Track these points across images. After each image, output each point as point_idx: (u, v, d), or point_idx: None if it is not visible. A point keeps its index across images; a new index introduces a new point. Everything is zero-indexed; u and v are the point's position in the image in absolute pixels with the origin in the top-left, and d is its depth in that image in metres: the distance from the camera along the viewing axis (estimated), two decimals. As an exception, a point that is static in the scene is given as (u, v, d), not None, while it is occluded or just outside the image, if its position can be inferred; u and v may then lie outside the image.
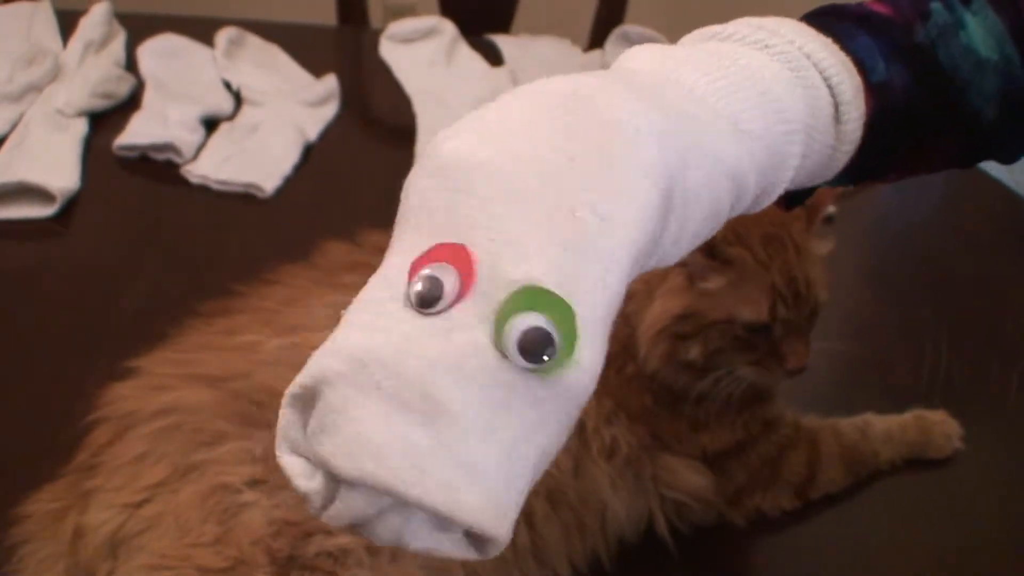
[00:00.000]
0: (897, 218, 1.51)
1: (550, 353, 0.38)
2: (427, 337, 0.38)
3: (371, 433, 0.37)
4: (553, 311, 0.38)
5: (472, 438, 0.38)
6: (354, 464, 0.37)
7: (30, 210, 1.30)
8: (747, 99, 0.48)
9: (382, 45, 1.73)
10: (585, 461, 0.90)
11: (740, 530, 0.98)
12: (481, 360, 0.38)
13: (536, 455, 0.40)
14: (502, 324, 0.38)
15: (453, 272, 0.39)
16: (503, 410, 0.38)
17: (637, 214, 0.41)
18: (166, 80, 1.56)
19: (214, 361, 0.88)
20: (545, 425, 0.40)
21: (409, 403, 0.37)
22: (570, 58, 1.75)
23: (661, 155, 0.42)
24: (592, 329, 0.40)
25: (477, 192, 0.41)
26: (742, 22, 0.53)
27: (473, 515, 0.37)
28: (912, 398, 1.11)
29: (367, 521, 0.39)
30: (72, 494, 0.84)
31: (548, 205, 0.40)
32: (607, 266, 0.40)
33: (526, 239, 0.40)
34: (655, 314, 0.89)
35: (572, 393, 0.40)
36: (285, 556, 0.77)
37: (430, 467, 0.37)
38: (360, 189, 1.39)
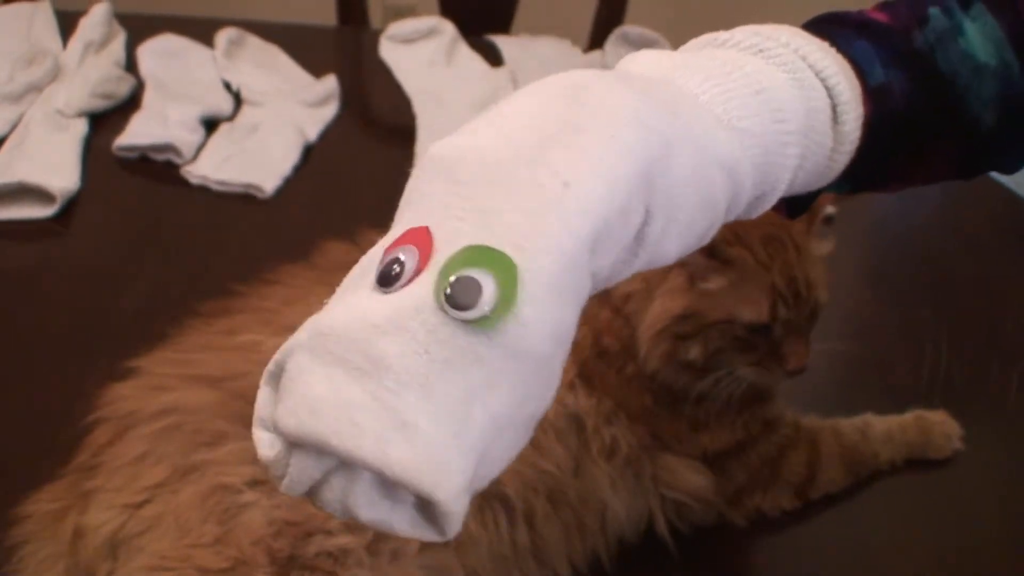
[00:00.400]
0: (897, 219, 1.51)
1: (484, 305, 0.38)
2: (380, 306, 0.39)
3: (313, 391, 0.38)
4: (491, 265, 0.39)
5: (408, 394, 0.38)
6: (296, 421, 0.38)
7: (30, 210, 1.30)
8: (741, 99, 0.48)
9: (382, 45, 1.73)
10: (585, 461, 0.90)
11: (740, 530, 0.98)
12: (421, 318, 0.38)
13: (485, 419, 0.39)
14: (443, 281, 0.38)
15: (415, 252, 0.40)
16: (443, 367, 0.38)
17: (603, 185, 0.41)
18: (166, 80, 1.56)
19: (214, 361, 0.88)
20: (494, 387, 0.39)
21: (351, 362, 0.38)
22: (570, 59, 1.75)
23: (640, 137, 0.43)
24: (541, 288, 0.40)
25: (455, 177, 0.42)
26: (739, 30, 0.53)
27: (405, 470, 0.37)
28: (912, 398, 1.11)
29: (315, 487, 0.39)
30: (72, 494, 0.84)
31: (516, 178, 0.41)
32: (564, 228, 0.40)
33: (489, 211, 0.40)
34: (655, 314, 0.89)
35: (518, 352, 0.39)
36: (285, 556, 0.77)
37: (362, 420, 0.37)
38: (360, 189, 1.39)
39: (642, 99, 0.44)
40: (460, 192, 0.41)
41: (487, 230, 0.40)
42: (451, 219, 0.40)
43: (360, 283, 0.41)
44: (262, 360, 0.91)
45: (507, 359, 0.39)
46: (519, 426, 0.41)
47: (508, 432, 0.41)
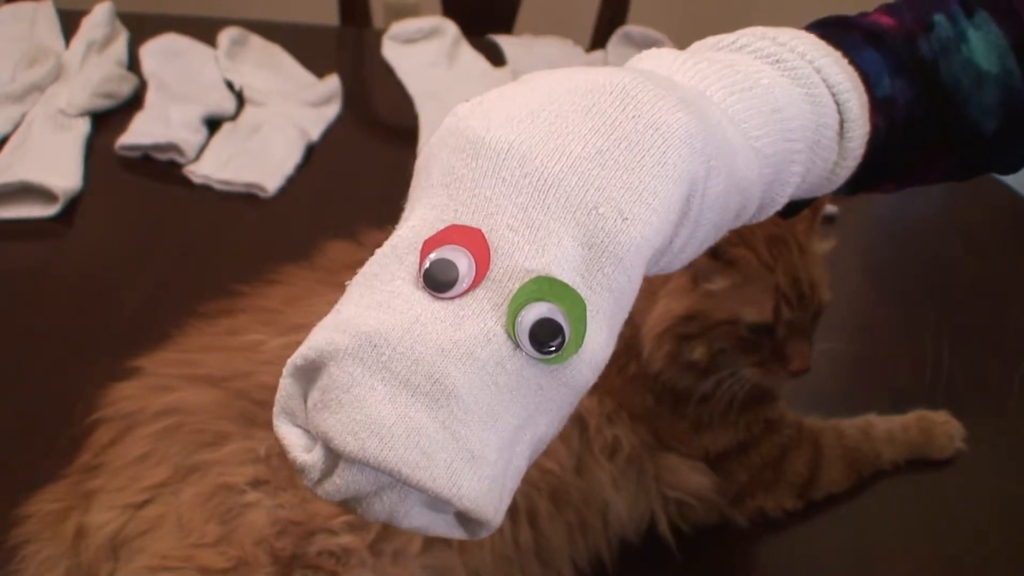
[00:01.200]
0: (899, 219, 1.51)
1: (559, 344, 0.38)
2: (439, 322, 0.39)
3: (377, 413, 0.37)
4: (564, 302, 0.39)
5: (476, 424, 0.38)
6: (358, 443, 0.37)
7: (32, 210, 1.30)
8: (760, 118, 0.48)
9: (384, 45, 1.73)
10: (587, 460, 0.90)
11: (742, 530, 0.98)
12: (492, 349, 0.38)
13: (533, 443, 0.40)
14: (514, 312, 0.39)
15: (467, 256, 0.39)
16: (508, 398, 0.39)
17: (658, 218, 0.41)
18: (168, 80, 1.56)
19: (216, 361, 0.88)
20: (544, 413, 0.40)
21: (417, 387, 0.38)
22: (573, 58, 1.75)
23: (690, 163, 0.42)
24: (599, 324, 0.41)
25: (504, 177, 0.41)
26: (751, 32, 0.53)
27: (474, 501, 0.38)
28: (914, 399, 1.11)
29: (363, 498, 0.39)
30: (74, 494, 0.84)
31: (571, 198, 0.40)
32: (621, 265, 0.41)
33: (545, 230, 0.40)
34: (659, 314, 0.89)
35: (573, 384, 0.41)
36: (288, 556, 0.77)
37: (434, 451, 0.37)
38: (362, 189, 1.39)
39: (692, 119, 0.43)
40: (510, 196, 0.40)
41: (544, 254, 0.40)
42: (503, 227, 0.40)
43: (396, 274, 0.40)
44: (264, 360, 0.92)
45: (562, 389, 0.40)
46: (547, 443, 0.42)
47: (542, 448, 0.42)
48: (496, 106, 0.43)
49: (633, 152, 0.41)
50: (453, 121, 0.43)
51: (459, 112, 0.43)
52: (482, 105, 0.43)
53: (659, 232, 0.41)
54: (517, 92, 0.44)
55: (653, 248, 0.42)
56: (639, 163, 0.41)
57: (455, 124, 0.43)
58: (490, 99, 0.44)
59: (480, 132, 0.42)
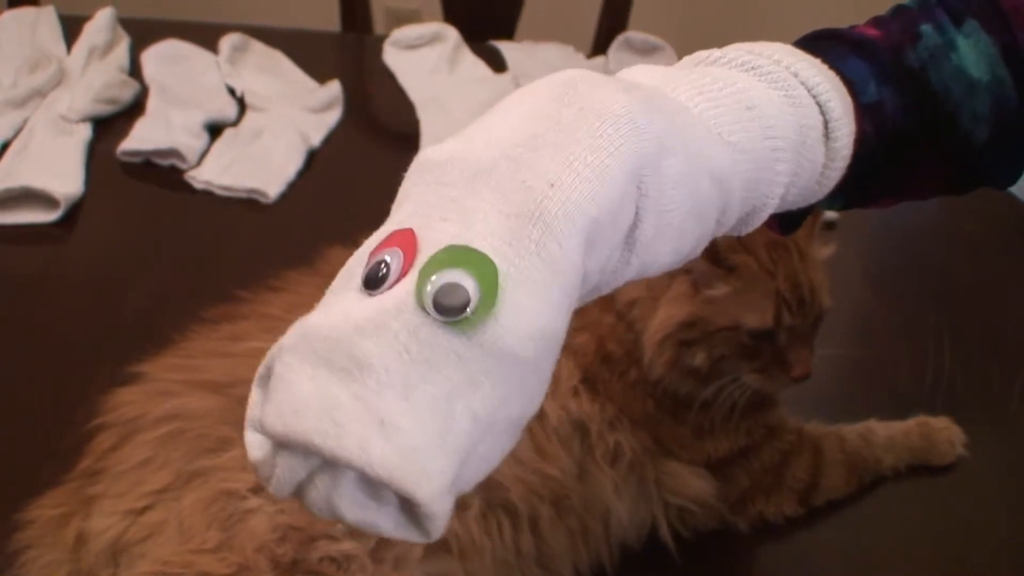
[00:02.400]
0: (899, 224, 1.51)
1: (465, 306, 0.38)
2: (364, 309, 0.39)
3: (297, 392, 0.38)
4: (472, 266, 0.39)
5: (389, 393, 0.38)
6: (282, 421, 0.38)
7: (34, 215, 1.30)
8: (732, 114, 0.48)
9: (385, 51, 1.73)
10: (589, 466, 0.90)
11: (743, 536, 0.98)
12: (403, 318, 0.38)
13: (468, 419, 0.39)
14: (423, 281, 0.39)
15: (400, 254, 0.40)
16: (423, 367, 0.38)
17: (590, 185, 0.41)
18: (170, 86, 1.56)
19: (219, 367, 0.88)
20: (475, 386, 0.39)
21: (334, 363, 0.38)
22: (574, 64, 1.75)
23: (632, 139, 0.42)
24: (526, 291, 0.40)
25: (444, 181, 0.42)
26: (731, 48, 0.53)
27: (386, 468, 0.37)
28: (915, 404, 1.11)
29: (301, 487, 0.40)
30: (75, 500, 0.84)
31: (501, 180, 0.41)
32: (549, 231, 0.40)
33: (474, 211, 0.40)
34: (660, 321, 0.89)
35: (499, 352, 0.39)
36: (289, 562, 0.77)
37: (345, 420, 0.37)
38: (363, 195, 1.39)
39: (633, 100, 0.43)
40: (445, 193, 0.41)
41: (469, 230, 0.40)
42: (435, 220, 0.41)
43: (347, 285, 0.41)
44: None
45: (487, 359, 0.39)
46: (504, 428, 0.41)
47: (493, 433, 0.41)
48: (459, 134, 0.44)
49: (567, 132, 0.42)
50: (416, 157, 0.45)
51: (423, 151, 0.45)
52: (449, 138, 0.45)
53: (592, 199, 0.41)
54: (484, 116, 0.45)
55: (587, 215, 0.41)
56: (571, 139, 0.42)
57: (415, 159, 0.44)
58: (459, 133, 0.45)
59: (428, 153, 0.44)
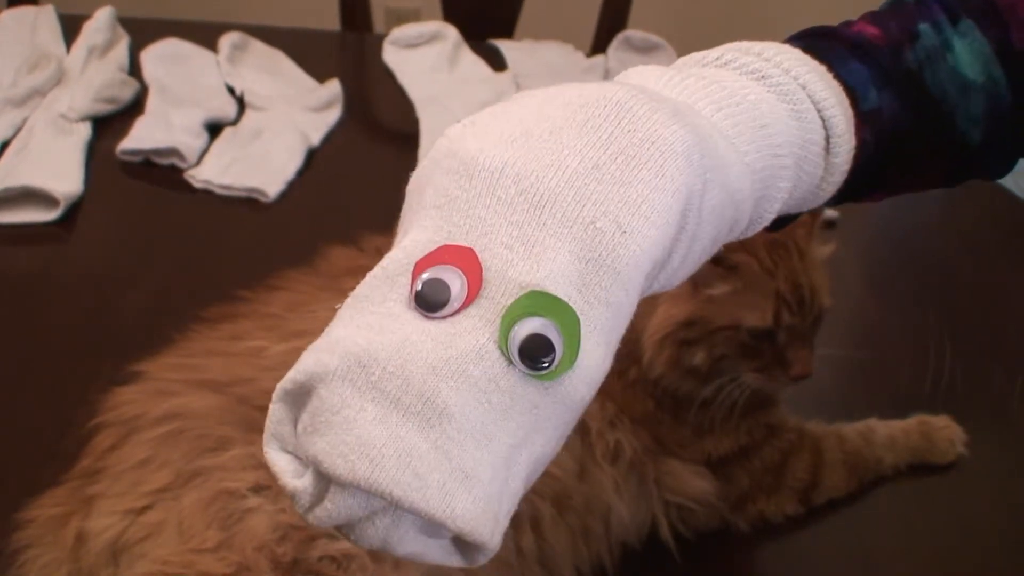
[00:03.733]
0: (899, 223, 1.51)
1: (552, 359, 0.38)
2: (430, 341, 0.38)
3: (367, 434, 0.36)
4: (557, 316, 0.38)
5: (470, 444, 0.37)
6: (348, 466, 0.36)
7: (33, 214, 1.30)
8: (748, 133, 0.48)
9: (385, 50, 1.73)
10: (589, 465, 0.90)
11: (744, 535, 0.98)
12: (484, 365, 0.37)
13: (530, 463, 0.39)
14: (507, 328, 0.38)
15: (459, 275, 0.38)
16: (502, 416, 0.38)
17: (657, 231, 0.40)
18: (170, 85, 1.56)
19: (219, 366, 0.88)
20: (540, 432, 0.39)
21: (408, 406, 0.37)
22: (573, 63, 1.75)
23: (688, 176, 0.42)
24: (596, 340, 0.40)
25: (499, 196, 0.40)
26: (736, 47, 0.52)
27: (468, 523, 0.37)
28: (915, 403, 1.11)
29: (355, 523, 0.38)
30: (75, 499, 0.84)
31: (568, 213, 0.40)
32: (619, 279, 0.40)
33: (540, 246, 0.39)
34: (660, 320, 0.89)
35: (569, 401, 0.39)
36: (289, 561, 0.77)
37: (427, 472, 0.36)
38: (363, 194, 1.39)
39: (687, 131, 0.42)
40: (504, 214, 0.40)
41: (539, 268, 0.39)
42: (498, 246, 0.39)
43: (388, 295, 0.40)
44: (266, 366, 0.92)
45: (558, 407, 0.39)
46: (547, 463, 0.41)
47: (539, 470, 0.41)
48: (489, 126, 0.42)
49: (630, 166, 0.41)
50: (446, 143, 0.43)
51: (451, 134, 0.43)
52: (475, 125, 0.43)
53: (657, 245, 0.41)
54: (509, 111, 0.43)
55: (652, 261, 0.41)
56: (636, 176, 0.41)
57: (448, 146, 0.42)
58: (483, 119, 0.43)
59: (474, 152, 0.41)
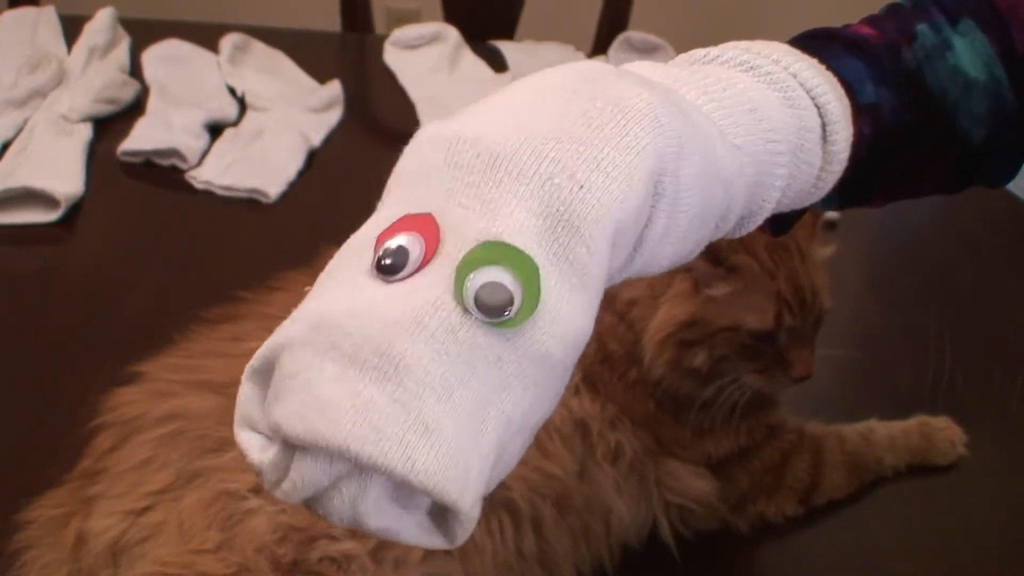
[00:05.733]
0: (900, 225, 1.51)
1: (510, 309, 0.37)
2: (387, 300, 0.38)
3: (324, 392, 0.36)
4: (514, 265, 0.37)
5: (430, 396, 0.36)
6: (306, 425, 0.36)
7: (34, 215, 1.30)
8: (736, 116, 0.47)
9: (386, 51, 1.73)
10: (590, 465, 0.90)
11: (744, 536, 0.98)
12: (440, 316, 0.37)
13: (500, 422, 0.38)
14: (462, 278, 0.37)
15: (419, 240, 0.38)
16: (463, 368, 0.37)
17: (619, 187, 0.40)
18: (170, 86, 1.56)
19: (219, 367, 0.88)
20: (508, 389, 0.38)
21: (365, 361, 0.36)
22: (574, 64, 1.75)
23: (656, 138, 0.41)
24: (560, 295, 0.39)
25: (457, 162, 0.40)
26: (728, 46, 0.52)
27: (431, 477, 0.36)
28: (916, 404, 1.11)
29: (322, 493, 0.37)
30: (75, 500, 0.84)
31: (524, 171, 0.39)
32: (578, 234, 0.39)
33: (497, 202, 0.39)
34: (660, 320, 0.89)
35: (536, 356, 0.39)
36: (289, 562, 0.77)
37: (385, 424, 0.35)
38: (364, 195, 1.38)
39: (656, 96, 0.42)
40: (462, 177, 0.40)
41: (495, 223, 0.38)
42: (455, 206, 0.39)
43: (353, 268, 0.40)
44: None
45: (523, 362, 0.38)
46: (527, 430, 0.40)
47: (519, 436, 0.40)
48: (458, 113, 0.43)
49: (592, 127, 0.40)
50: (423, 132, 0.43)
51: (426, 126, 0.43)
52: (455, 116, 0.43)
53: (620, 202, 0.40)
54: (482, 101, 0.43)
55: (614, 219, 0.40)
56: (597, 135, 0.40)
57: (418, 133, 0.43)
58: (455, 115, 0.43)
59: (433, 129, 0.42)
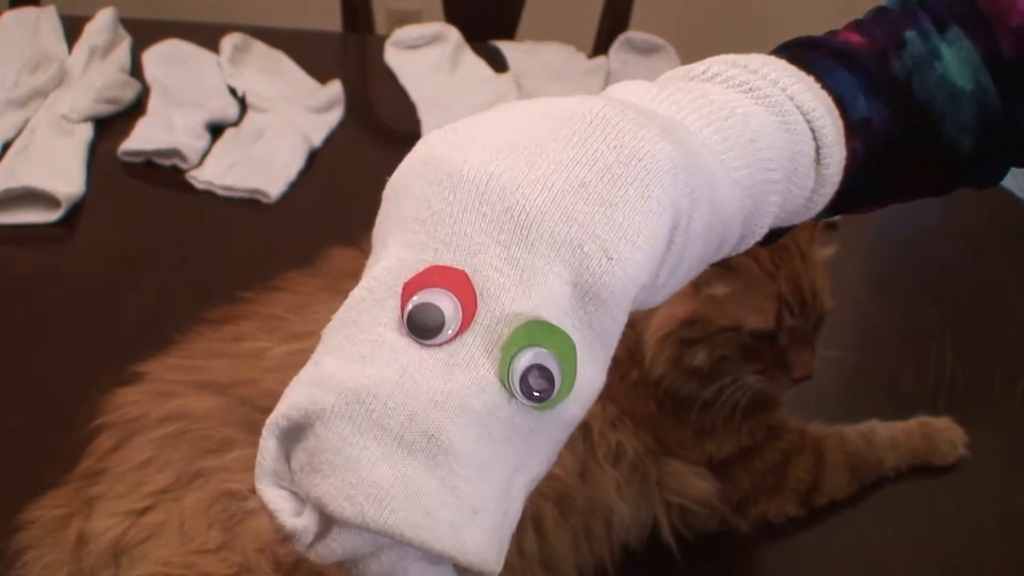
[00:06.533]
0: (901, 225, 1.51)
1: (551, 390, 0.37)
2: (428, 373, 0.37)
3: (372, 475, 0.36)
4: (555, 346, 0.38)
5: (476, 478, 0.37)
6: (356, 508, 0.36)
7: (35, 215, 1.30)
8: (738, 149, 0.47)
9: (387, 51, 1.73)
10: (591, 466, 0.90)
11: (745, 537, 0.98)
12: (485, 399, 0.37)
13: (527, 485, 0.40)
14: (507, 359, 0.37)
15: (452, 300, 0.37)
16: (502, 446, 0.38)
17: (644, 256, 0.40)
18: (171, 86, 1.56)
19: (221, 367, 0.88)
20: (536, 454, 0.40)
21: (412, 444, 0.36)
22: (575, 64, 1.75)
23: (674, 195, 0.41)
24: (582, 363, 0.40)
25: (485, 212, 0.39)
26: (722, 60, 0.51)
27: (478, 556, 0.37)
28: (917, 405, 1.11)
29: (359, 559, 0.38)
30: (76, 500, 0.84)
31: (555, 235, 0.39)
32: (606, 306, 0.40)
33: (531, 270, 0.39)
34: (661, 319, 0.89)
35: (563, 424, 0.40)
36: (291, 563, 0.77)
37: (436, 510, 0.36)
38: (365, 195, 1.38)
39: (675, 148, 0.42)
40: (491, 233, 0.39)
41: (530, 295, 0.38)
42: (487, 268, 0.38)
43: (377, 320, 0.38)
44: (269, 367, 0.92)
45: (554, 430, 0.40)
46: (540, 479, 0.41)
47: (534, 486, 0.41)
48: (472, 135, 0.41)
49: (616, 185, 0.40)
50: (426, 149, 0.41)
51: (432, 140, 0.42)
52: (457, 134, 0.41)
53: (644, 270, 0.40)
54: (492, 121, 0.42)
55: (639, 286, 0.40)
56: (623, 197, 0.40)
57: (428, 153, 0.41)
58: (465, 127, 0.42)
59: (458, 164, 0.40)
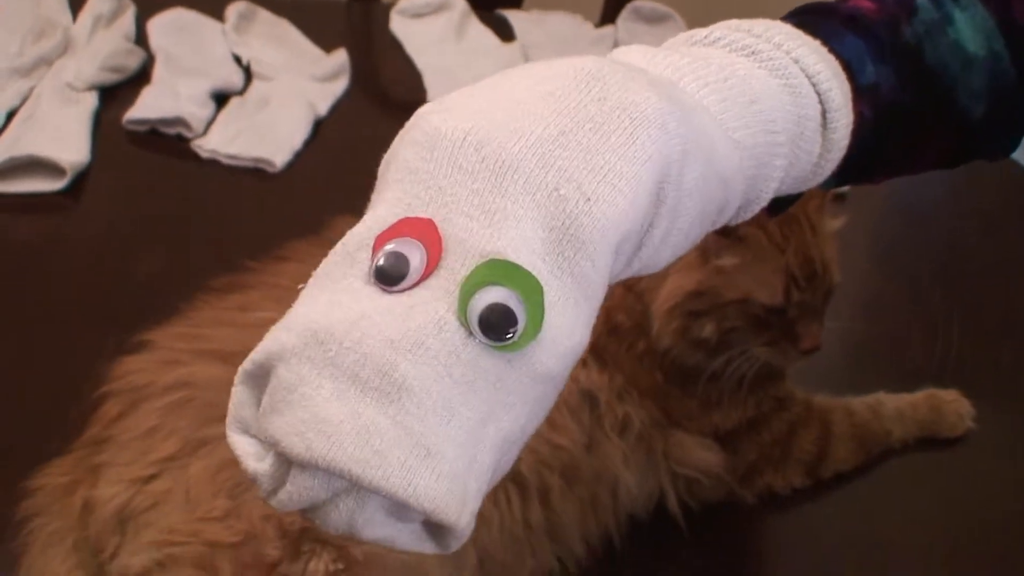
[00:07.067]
0: (910, 198, 1.50)
1: (514, 331, 0.36)
2: (388, 315, 0.37)
3: (324, 412, 0.35)
4: (519, 285, 0.37)
5: (432, 419, 0.36)
6: (306, 445, 0.35)
7: (40, 184, 1.30)
8: (737, 109, 0.46)
9: (393, 20, 1.72)
10: (598, 436, 0.90)
11: (750, 508, 0.98)
12: (443, 337, 0.36)
13: (499, 439, 0.38)
14: (466, 298, 0.36)
15: (419, 248, 0.37)
16: (464, 390, 0.36)
17: (625, 199, 0.39)
18: (176, 54, 1.55)
19: (227, 336, 0.88)
20: (508, 407, 0.38)
21: (366, 381, 0.36)
22: (582, 34, 1.74)
23: (662, 146, 0.40)
24: (561, 311, 0.38)
25: (460, 165, 0.39)
26: (726, 25, 0.51)
27: (432, 502, 0.35)
28: (924, 377, 1.11)
29: (318, 506, 0.37)
30: (82, 468, 0.84)
31: (530, 180, 0.38)
32: (584, 249, 0.38)
33: (502, 213, 0.38)
34: (669, 290, 0.89)
35: (536, 375, 0.38)
36: (297, 529, 0.77)
37: (387, 448, 0.35)
38: (370, 164, 1.37)
39: (662, 99, 0.41)
40: (465, 183, 0.38)
41: (500, 236, 0.38)
42: (458, 215, 0.38)
43: (348, 272, 0.39)
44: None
45: (524, 381, 0.38)
46: (524, 439, 0.40)
47: (515, 447, 0.39)
48: (457, 101, 0.41)
49: (598, 133, 0.39)
50: (413, 119, 0.41)
51: (421, 110, 0.42)
52: (443, 103, 0.42)
53: (626, 215, 0.39)
54: (480, 87, 0.42)
55: (620, 232, 0.39)
56: (605, 143, 0.39)
57: (415, 121, 0.41)
58: (452, 97, 0.42)
59: (437, 124, 0.40)
